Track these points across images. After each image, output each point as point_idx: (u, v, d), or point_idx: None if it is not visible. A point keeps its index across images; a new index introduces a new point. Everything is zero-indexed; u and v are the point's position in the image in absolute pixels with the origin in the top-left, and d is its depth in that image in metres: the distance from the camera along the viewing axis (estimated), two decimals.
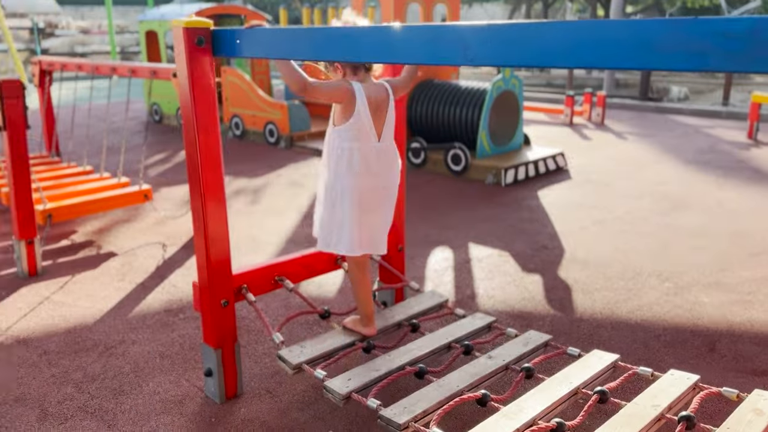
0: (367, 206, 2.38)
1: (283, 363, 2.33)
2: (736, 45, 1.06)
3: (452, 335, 2.50)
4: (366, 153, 2.33)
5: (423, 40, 1.55)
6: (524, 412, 1.94)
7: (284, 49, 2.06)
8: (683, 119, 9.89)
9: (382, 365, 2.26)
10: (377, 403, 2.03)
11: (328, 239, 2.46)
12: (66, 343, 2.92)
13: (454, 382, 2.14)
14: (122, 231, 4.51)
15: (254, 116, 8.01)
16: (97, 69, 4.82)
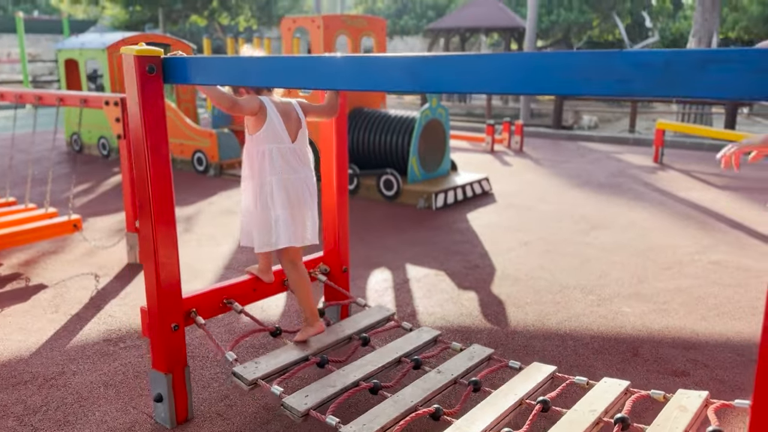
0: (295, 199, 2.65)
1: (238, 380, 2.36)
2: (655, 73, 1.25)
3: (401, 349, 2.60)
4: (283, 151, 2.63)
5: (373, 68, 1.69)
6: (475, 424, 2.06)
7: (231, 76, 2.15)
8: (594, 146, 10.54)
9: (337, 381, 2.33)
10: (336, 420, 2.10)
11: (266, 239, 2.66)
12: (2, 377, 2.82)
13: (407, 397, 2.24)
14: (51, 262, 4.37)
15: (182, 145, 7.92)
16: (21, 97, 4.70)
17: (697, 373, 2.89)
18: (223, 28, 23.39)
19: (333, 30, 6.60)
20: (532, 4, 11.85)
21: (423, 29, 25.43)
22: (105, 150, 8.79)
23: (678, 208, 6.02)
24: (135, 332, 3.29)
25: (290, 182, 2.64)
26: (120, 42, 8.48)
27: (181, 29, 23.84)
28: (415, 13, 26.38)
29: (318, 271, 3.15)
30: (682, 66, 1.21)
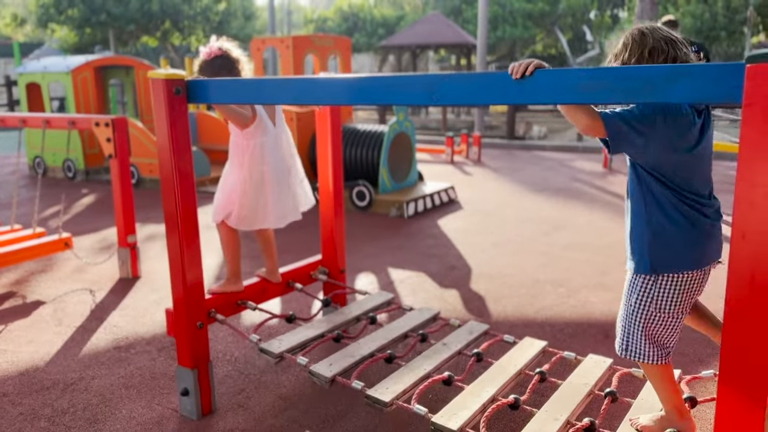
0: (285, 185, 3.03)
1: (265, 354, 2.61)
2: (635, 84, 1.57)
3: (407, 326, 2.91)
4: (272, 142, 2.97)
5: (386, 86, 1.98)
6: (486, 390, 2.36)
7: (249, 95, 2.42)
8: (546, 154, 11.09)
9: (355, 352, 2.61)
10: (362, 385, 2.37)
11: (252, 220, 3.00)
12: (23, 384, 2.96)
13: (420, 365, 2.53)
14: (42, 280, 4.47)
15: (151, 164, 8.02)
16: (3, 121, 4.81)
17: None
18: (175, 48, 23.33)
19: (302, 50, 6.88)
20: (482, 21, 12.39)
21: (374, 47, 25.96)
22: (70, 172, 8.79)
23: None
24: (143, 339, 3.47)
25: (279, 170, 3.01)
26: (84, 65, 8.54)
27: (131, 50, 23.67)
28: (366, 30, 26.89)
29: (318, 272, 3.41)
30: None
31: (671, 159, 1.80)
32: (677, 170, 1.82)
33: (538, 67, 1.64)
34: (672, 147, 1.79)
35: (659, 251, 1.86)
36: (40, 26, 21.78)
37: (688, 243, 1.85)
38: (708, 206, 1.87)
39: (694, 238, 1.85)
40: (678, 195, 1.83)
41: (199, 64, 2.99)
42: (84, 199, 7.51)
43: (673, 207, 1.83)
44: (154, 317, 3.78)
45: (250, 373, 3.06)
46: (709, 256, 1.90)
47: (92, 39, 21.39)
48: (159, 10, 21.06)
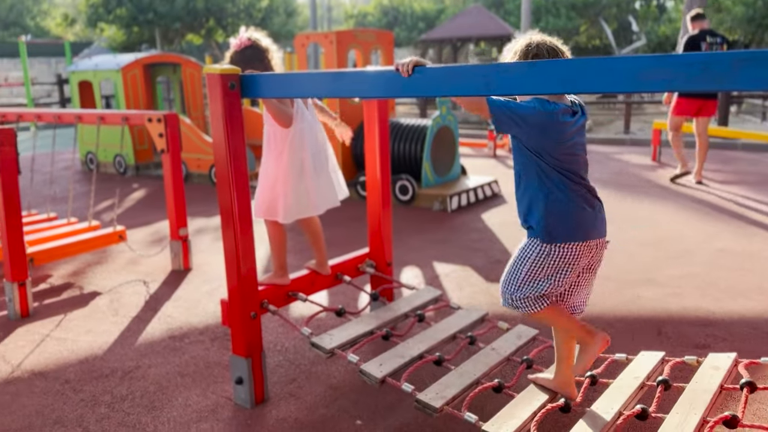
0: (321, 167, 3.05)
1: (317, 349, 2.64)
2: (695, 71, 1.54)
3: (455, 326, 2.90)
4: (309, 129, 3.00)
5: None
6: (537, 398, 2.34)
7: (301, 88, 2.45)
8: (592, 147, 10.89)
9: (404, 352, 2.62)
10: (411, 388, 2.38)
11: (298, 209, 3.01)
12: (83, 372, 3.07)
13: (470, 370, 2.51)
14: (98, 272, 4.62)
15: (198, 159, 8.19)
16: (60, 118, 4.97)
17: (718, 346, 3.18)
18: (219, 46, 23.72)
19: (345, 45, 6.91)
20: (525, 12, 12.23)
21: (415, 41, 25.89)
22: (121, 167, 9.04)
23: (680, 202, 6.35)
24: (195, 329, 3.55)
25: (318, 156, 3.04)
26: (133, 63, 8.76)
27: (176, 48, 24.15)
28: (406, 25, 26.84)
29: (365, 265, 3.43)
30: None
31: (548, 146, 2.04)
32: (559, 155, 2.04)
33: (416, 65, 1.94)
34: (545, 137, 2.03)
35: (555, 224, 2.08)
36: (90, 26, 22.42)
37: (578, 218, 2.08)
38: (591, 188, 2.13)
39: (583, 214, 2.09)
40: (566, 176, 2.06)
41: (230, 56, 3.01)
42: (135, 193, 7.71)
43: (565, 186, 2.06)
44: (206, 308, 3.87)
45: (300, 363, 3.11)
46: (597, 231, 2.13)
47: (139, 37, 21.92)
48: (204, 8, 21.43)
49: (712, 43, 7.00)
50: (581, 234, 2.10)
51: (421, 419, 2.56)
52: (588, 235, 2.11)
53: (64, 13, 28.59)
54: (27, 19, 32.63)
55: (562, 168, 2.06)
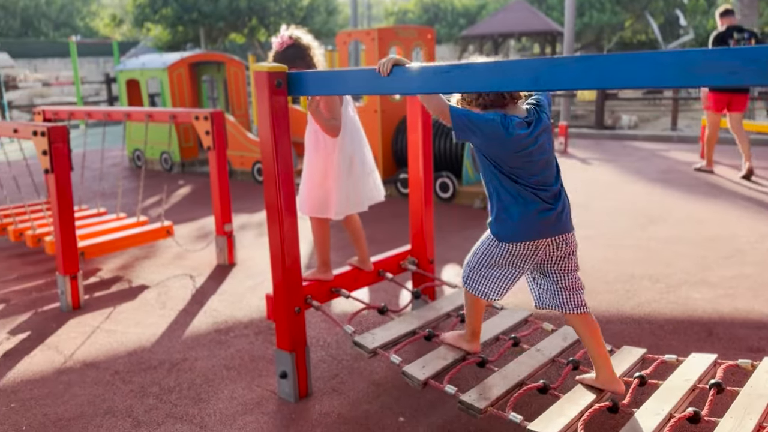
0: (365, 163, 3.08)
1: (359, 348, 2.65)
2: (759, 65, 1.48)
3: (498, 327, 2.86)
4: (350, 126, 3.00)
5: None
6: (584, 397, 2.29)
7: (345, 85, 2.45)
8: (638, 144, 10.64)
9: (447, 354, 2.60)
10: (454, 389, 2.36)
11: (346, 206, 3.02)
12: (132, 363, 3.15)
13: (514, 372, 2.48)
14: (146, 266, 4.73)
15: (242, 157, 8.31)
16: (109, 115, 5.10)
17: None
18: (261, 45, 24.01)
19: (386, 42, 6.91)
20: (570, 6, 12.02)
21: (455, 37, 25.73)
22: (167, 164, 9.24)
23: (731, 200, 6.15)
24: (240, 323, 3.60)
25: (362, 153, 3.05)
26: (179, 62, 8.93)
27: (220, 47, 24.55)
28: (446, 21, 26.70)
29: (407, 263, 3.43)
30: None
31: (501, 155, 2.18)
32: (510, 163, 2.19)
33: (395, 64, 2.11)
34: (499, 147, 2.17)
35: (502, 223, 2.27)
36: (137, 26, 22.98)
37: (522, 220, 2.22)
38: (543, 192, 2.21)
39: (527, 217, 2.21)
40: (515, 181, 2.20)
41: (272, 56, 3.01)
42: (180, 190, 7.87)
43: (513, 190, 2.21)
44: (250, 302, 3.92)
45: (342, 358, 3.13)
46: (542, 233, 2.24)
47: (184, 37, 22.37)
48: (246, 7, 21.73)
49: (739, 39, 7.10)
50: (525, 235, 2.25)
51: (464, 418, 2.54)
52: (535, 236, 2.24)
53: (112, 14, 29.38)
54: (77, 19, 33.63)
55: (513, 173, 2.20)
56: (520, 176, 2.19)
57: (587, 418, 2.15)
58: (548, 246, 2.28)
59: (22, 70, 22.99)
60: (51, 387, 2.93)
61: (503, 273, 2.38)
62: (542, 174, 2.22)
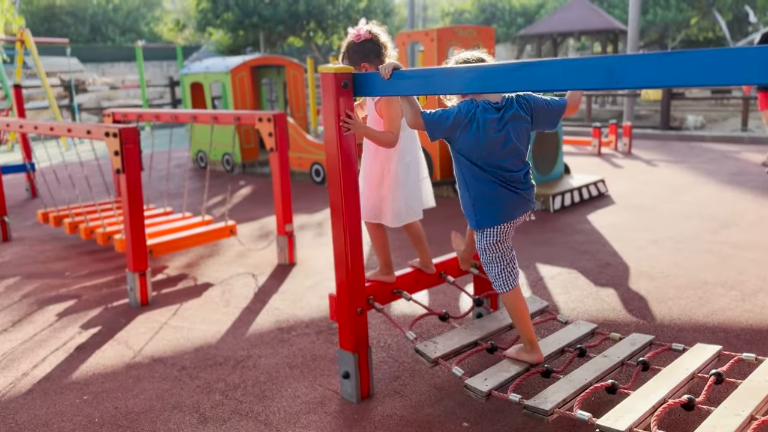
0: (421, 170, 3.05)
1: (421, 356, 2.62)
2: None
3: (563, 340, 2.78)
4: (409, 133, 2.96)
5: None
6: (655, 393, 2.21)
7: (417, 85, 2.43)
8: (707, 145, 10.24)
9: (510, 366, 2.55)
10: (519, 397, 2.31)
11: (405, 214, 2.97)
12: (198, 359, 3.22)
13: (581, 376, 2.41)
14: (210, 264, 4.84)
15: (300, 158, 8.41)
16: (176, 118, 5.24)
17: None
18: (318, 48, 24.31)
19: (445, 42, 6.87)
20: (634, 3, 11.67)
21: (513, 36, 25.39)
22: (229, 165, 9.44)
23: None
24: (301, 322, 3.64)
25: (419, 160, 3.04)
26: (241, 65, 9.12)
27: (278, 51, 24.98)
28: (504, 21, 26.38)
29: (469, 266, 3.37)
30: None
31: (470, 145, 2.47)
32: (477, 152, 2.47)
33: (395, 68, 2.38)
34: (469, 136, 2.45)
35: (480, 211, 2.55)
36: (199, 30, 23.64)
37: (498, 203, 2.53)
38: (511, 173, 2.51)
39: (502, 199, 2.52)
40: (482, 169, 2.49)
41: (346, 46, 2.85)
42: (242, 190, 8.03)
43: (483, 178, 2.50)
44: (310, 302, 3.95)
45: (403, 360, 3.11)
46: (518, 211, 2.58)
47: (244, 41, 22.86)
48: (305, 11, 22.03)
49: None
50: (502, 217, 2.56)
51: (531, 424, 2.48)
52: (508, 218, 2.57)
53: (176, 19, 30.31)
54: (141, 25, 34.83)
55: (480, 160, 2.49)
56: (490, 163, 2.48)
57: (661, 414, 2.06)
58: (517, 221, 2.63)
59: (91, 74, 23.98)
60: (121, 381, 3.03)
61: (511, 254, 2.64)
62: (507, 160, 2.49)
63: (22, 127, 4.91)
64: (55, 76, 21.71)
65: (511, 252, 2.66)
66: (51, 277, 4.64)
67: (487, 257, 2.63)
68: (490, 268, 2.64)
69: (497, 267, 2.62)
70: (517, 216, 2.59)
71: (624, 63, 1.75)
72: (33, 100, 18.00)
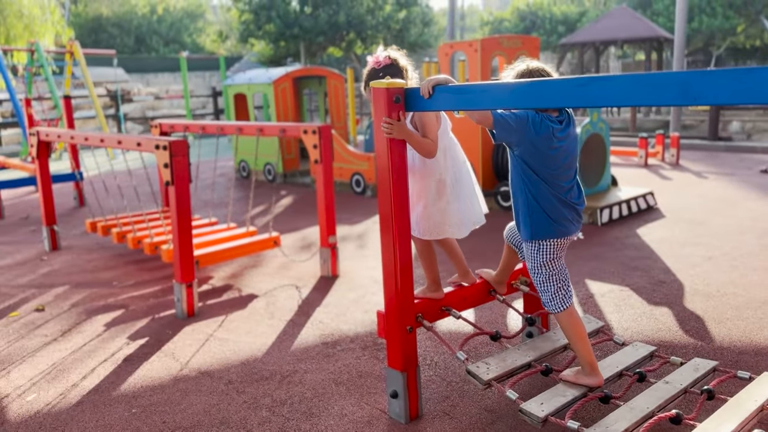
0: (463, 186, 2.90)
1: (473, 378, 2.55)
2: None
3: (621, 363, 2.68)
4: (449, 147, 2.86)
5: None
6: (723, 426, 2.09)
7: (470, 100, 2.37)
8: (758, 157, 9.90)
9: (566, 390, 2.45)
10: (577, 425, 2.22)
11: (468, 219, 2.88)
12: (245, 373, 3.21)
13: (642, 404, 2.31)
14: (254, 275, 4.85)
15: (340, 168, 8.42)
16: (222, 129, 5.28)
17: None
18: (358, 58, 24.44)
19: (489, 52, 6.79)
20: (681, 11, 11.40)
21: (553, 45, 25.09)
22: (270, 175, 9.52)
23: None
24: (346, 337, 3.60)
25: (460, 175, 2.88)
26: (284, 76, 9.20)
27: (318, 61, 25.20)
28: (545, 29, 26.11)
29: (519, 283, 3.29)
30: None
31: (534, 152, 2.42)
32: (540, 161, 2.43)
33: (435, 85, 2.33)
34: (536, 144, 2.40)
35: (537, 222, 2.48)
36: (241, 41, 24.02)
37: (554, 215, 2.47)
38: (568, 186, 2.49)
39: (559, 212, 2.47)
40: (543, 180, 2.44)
41: (368, 74, 2.85)
42: (283, 200, 8.08)
43: (542, 188, 2.45)
44: (355, 316, 3.91)
45: (452, 380, 3.04)
46: (573, 227, 2.53)
47: (285, 52, 23.13)
48: (345, 22, 22.18)
49: None
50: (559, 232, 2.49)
51: None
52: (565, 233, 2.51)
53: (219, 30, 30.87)
54: (185, 36, 35.60)
55: (542, 172, 2.44)
56: (552, 177, 2.44)
57: None
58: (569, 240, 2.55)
59: (136, 85, 24.58)
60: (168, 394, 3.03)
61: (564, 272, 2.57)
62: (567, 172, 2.47)
63: (73, 138, 5.01)
64: (102, 86, 22.31)
65: (564, 270, 2.60)
66: (99, 286, 4.71)
67: (542, 276, 2.56)
68: (544, 287, 2.57)
69: (552, 287, 2.55)
70: (572, 232, 2.54)
71: (702, 79, 1.66)
72: (80, 109, 18.52)
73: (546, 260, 2.53)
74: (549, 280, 2.55)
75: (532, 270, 2.58)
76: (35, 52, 12.70)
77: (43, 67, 12.73)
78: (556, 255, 2.52)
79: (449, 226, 2.90)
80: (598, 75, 1.92)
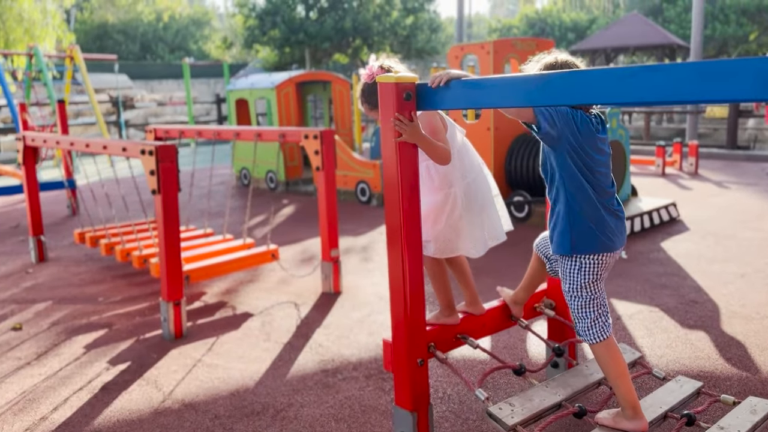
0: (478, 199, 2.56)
1: (494, 422, 2.19)
2: None
3: (665, 403, 2.31)
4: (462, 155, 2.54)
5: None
6: None
7: (490, 97, 2.02)
8: None
9: None
10: None
11: (486, 236, 2.56)
12: (234, 406, 2.85)
13: None
14: (250, 291, 4.50)
15: (345, 176, 8.08)
16: (219, 135, 4.96)
17: None
18: (364, 64, 24.14)
19: (502, 54, 6.46)
20: (697, 17, 11.06)
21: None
22: (272, 183, 9.19)
23: None
24: (348, 363, 3.24)
25: (473, 188, 2.54)
26: (287, 81, 8.89)
27: (323, 67, 24.94)
28: (554, 36, 25.78)
29: (543, 306, 2.93)
30: None
31: (581, 153, 2.11)
32: (586, 163, 2.12)
33: (451, 79, 2.01)
34: (579, 143, 2.10)
35: (578, 232, 2.14)
36: (246, 47, 23.77)
37: (597, 224, 2.14)
38: (609, 189, 2.19)
39: (602, 220, 2.15)
40: (585, 180, 2.13)
41: (361, 90, 2.53)
42: (285, 209, 7.73)
43: (585, 190, 2.13)
44: (358, 338, 3.56)
45: (467, 417, 2.68)
46: (618, 241, 2.20)
47: (291, 58, 22.85)
48: (351, 28, 21.91)
49: None
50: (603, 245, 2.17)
51: None
52: (611, 246, 2.19)
53: (224, 37, 30.69)
54: (190, 43, 35.44)
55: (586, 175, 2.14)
56: (597, 183, 2.14)
57: None
58: (616, 256, 2.24)
59: (139, 91, 24.38)
60: (147, 430, 2.68)
61: (604, 298, 2.23)
62: (605, 170, 2.18)
63: (59, 143, 4.69)
64: (104, 92, 22.11)
65: (604, 295, 2.24)
66: (83, 302, 4.37)
67: (580, 300, 2.20)
68: (581, 314, 2.22)
69: (591, 314, 2.20)
70: (616, 247, 2.20)
71: None
72: (82, 115, 18.30)
73: (587, 281, 2.18)
74: (588, 305, 2.20)
75: (570, 293, 2.23)
76: (34, 56, 12.45)
77: (42, 72, 12.46)
78: (598, 275, 2.18)
79: (463, 243, 2.52)
80: (649, 64, 1.57)
